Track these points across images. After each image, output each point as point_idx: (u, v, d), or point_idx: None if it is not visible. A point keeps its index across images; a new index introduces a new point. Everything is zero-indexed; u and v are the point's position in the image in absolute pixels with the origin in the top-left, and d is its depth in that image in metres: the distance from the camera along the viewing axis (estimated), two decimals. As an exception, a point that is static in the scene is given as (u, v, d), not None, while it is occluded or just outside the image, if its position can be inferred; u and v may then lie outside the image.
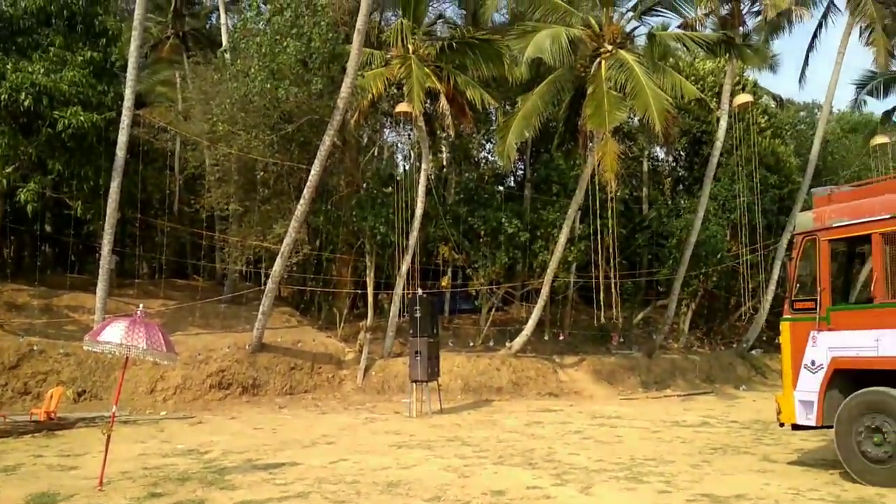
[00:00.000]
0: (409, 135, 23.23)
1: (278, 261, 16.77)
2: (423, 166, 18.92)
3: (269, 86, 16.68)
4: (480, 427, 12.85)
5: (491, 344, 20.50)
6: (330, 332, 20.00)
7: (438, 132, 20.89)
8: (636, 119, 21.47)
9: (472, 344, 20.72)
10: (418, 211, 18.74)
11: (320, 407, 15.80)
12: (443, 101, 18.66)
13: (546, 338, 21.44)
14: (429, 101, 19.68)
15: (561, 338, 21.90)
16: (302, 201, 16.48)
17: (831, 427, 8.10)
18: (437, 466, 9.06)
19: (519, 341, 19.44)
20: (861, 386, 7.88)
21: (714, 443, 10.99)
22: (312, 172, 16.34)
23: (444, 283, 22.29)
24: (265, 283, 17.83)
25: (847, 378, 8.05)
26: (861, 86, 26.18)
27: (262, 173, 19.54)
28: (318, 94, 16.92)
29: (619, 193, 22.38)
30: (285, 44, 16.58)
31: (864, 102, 27.51)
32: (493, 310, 22.21)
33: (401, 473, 8.61)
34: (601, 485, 7.96)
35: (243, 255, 20.24)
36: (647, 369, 20.25)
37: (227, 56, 19.72)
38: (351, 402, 16.41)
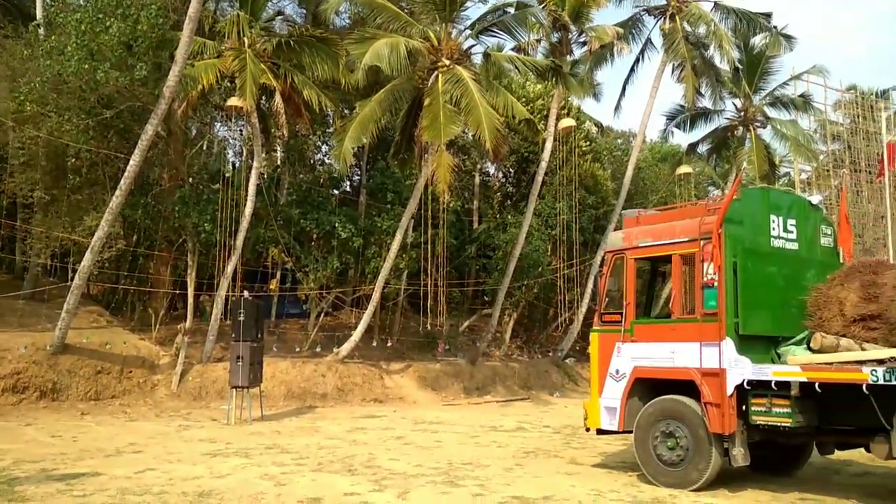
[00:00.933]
0: (241, 131, 22.42)
1: (88, 255, 15.45)
2: (255, 164, 18.31)
3: (86, 66, 15.35)
4: (302, 434, 12.57)
5: (318, 349, 20.18)
6: (144, 334, 18.73)
7: (273, 130, 20.31)
8: (470, 134, 22.13)
9: (298, 349, 20.28)
10: (247, 210, 18.09)
11: (129, 414, 14.73)
12: (278, 98, 18.19)
13: (374, 344, 21.46)
14: (263, 97, 19.11)
15: (389, 344, 22.01)
16: (118, 192, 15.30)
17: (632, 432, 8.72)
18: (252, 475, 8.72)
19: (346, 347, 19.28)
20: (659, 394, 8.55)
21: (527, 447, 11.47)
22: (131, 163, 15.23)
23: (272, 287, 21.63)
24: (72, 279, 16.38)
25: (647, 386, 8.71)
26: (670, 118, 28.67)
27: (73, 160, 17.93)
28: (143, 80, 15.82)
29: (451, 205, 23.01)
30: (108, 23, 15.37)
31: (672, 134, 30.18)
32: (323, 315, 21.89)
33: (213, 483, 8.19)
34: (418, 489, 8.04)
35: (48, 247, 18.48)
36: (471, 376, 20.83)
37: (41, 31, 17.98)
38: (164, 409, 15.45)
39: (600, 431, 9.34)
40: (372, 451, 10.75)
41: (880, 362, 7.04)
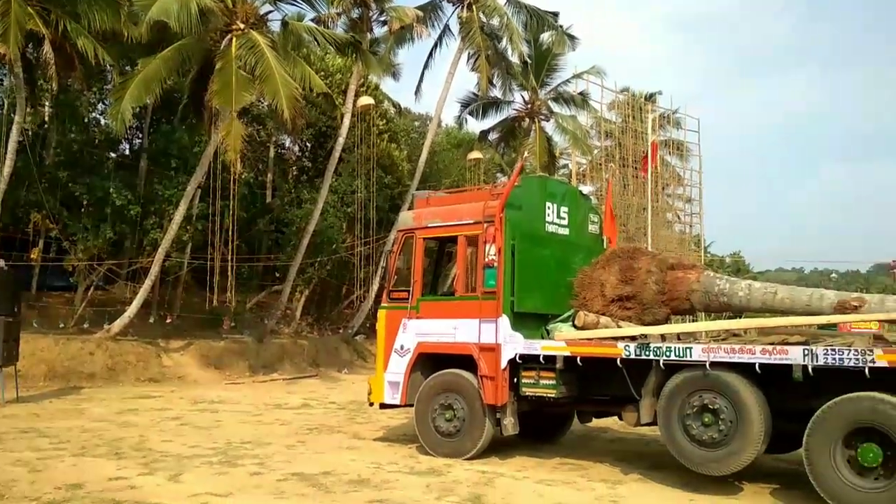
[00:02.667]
0: (1, 80, 19.85)
1: None
2: (17, 119, 16.30)
3: None
4: (63, 416, 11.49)
5: (86, 326, 18.53)
6: None
7: (40, 83, 18.20)
8: (265, 104, 21.36)
9: (63, 325, 18.48)
10: (6, 169, 16.11)
11: None
12: (47, 47, 16.26)
13: (152, 320, 20.12)
14: (30, 45, 17.02)
15: (169, 321, 20.77)
16: None
17: (413, 406, 8.99)
18: (4, 461, 7.83)
19: (119, 323, 17.88)
20: (440, 369, 8.88)
21: (311, 423, 11.42)
22: None
23: (34, 256, 19.44)
24: None
25: (429, 361, 9.01)
26: (465, 105, 29.73)
27: None
28: None
29: (243, 176, 22.08)
30: None
31: (466, 121, 31.34)
32: (92, 288, 20.10)
33: (-51, 475, 7.23)
34: (193, 471, 7.69)
35: None
36: (257, 354, 20.28)
37: None
38: None
39: (383, 406, 9.53)
40: (143, 433, 10.10)
41: (633, 339, 7.85)
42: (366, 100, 22.60)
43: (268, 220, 24.91)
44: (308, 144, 27.77)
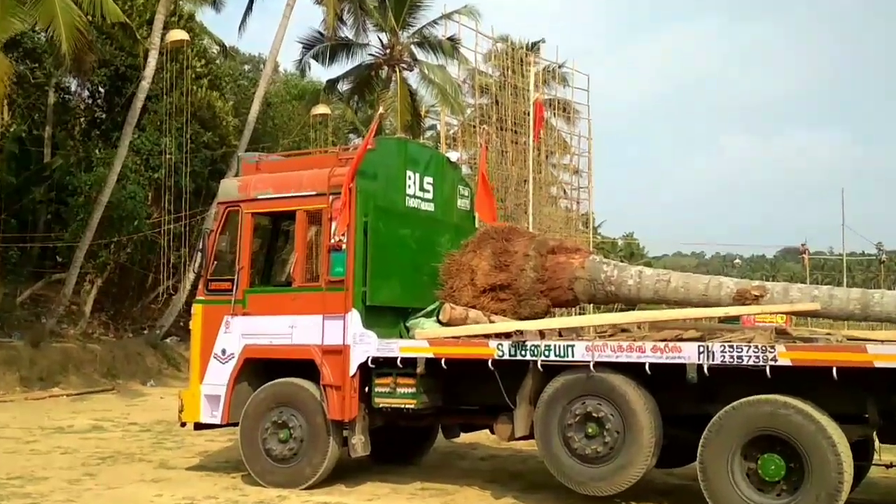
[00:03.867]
0: None
1: None
2: None
3: None
4: None
5: None
6: None
7: None
8: (42, 35, 20.11)
9: None
10: None
11: None
12: None
13: None
14: None
15: None
16: None
17: (238, 425, 8.83)
18: None
19: None
20: (273, 378, 8.78)
21: (104, 451, 10.97)
22: None
23: None
24: None
25: (259, 369, 8.89)
26: (308, 47, 29.28)
27: None
28: None
29: (11, 129, 20.77)
30: None
31: (310, 67, 30.92)
32: None
33: None
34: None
35: None
36: (31, 362, 19.21)
37: None
38: None
39: (199, 426, 9.34)
40: None
41: (507, 336, 8.09)
42: (178, 34, 21.82)
43: (46, 187, 23.56)
44: (101, 89, 26.43)
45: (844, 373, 6.55)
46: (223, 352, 8.94)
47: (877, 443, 7.68)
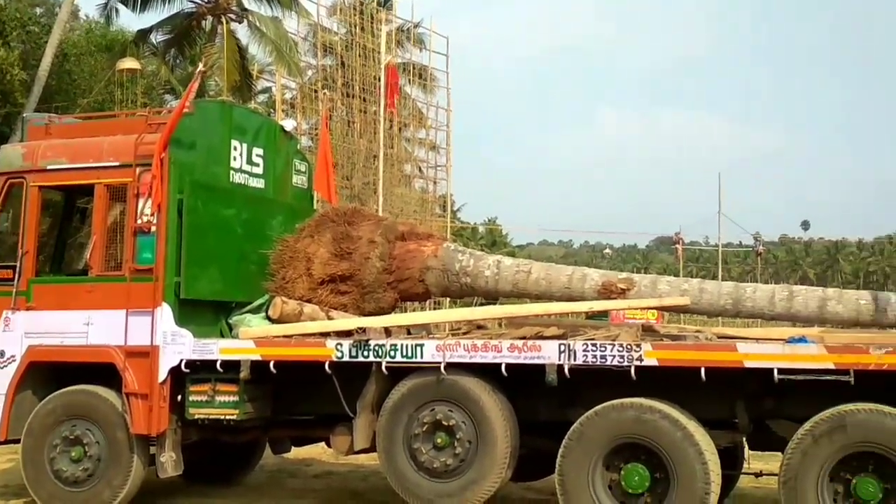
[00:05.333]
0: None
1: None
2: None
3: None
4: None
5: None
6: None
7: None
8: None
9: None
10: None
11: None
12: None
13: None
14: None
15: None
16: None
17: (20, 441, 8.50)
18: None
19: None
20: (65, 385, 8.50)
21: None
22: None
23: None
24: None
25: (47, 375, 8.59)
26: (115, -12, 28.22)
27: None
28: None
29: None
30: None
31: (118, 13, 29.79)
32: None
33: None
34: None
35: None
36: None
37: None
38: None
39: (-28, 445, 8.92)
40: None
41: (347, 334, 8.12)
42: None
43: None
44: None
45: (714, 374, 6.94)
46: (1, 354, 8.60)
47: (746, 450, 8.17)
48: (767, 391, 7.08)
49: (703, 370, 6.90)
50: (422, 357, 7.61)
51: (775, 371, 6.77)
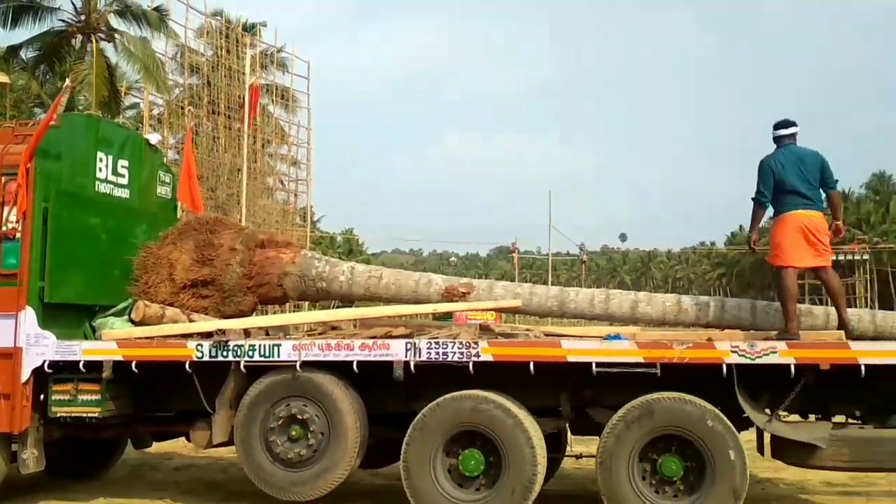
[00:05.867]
0: None
1: None
2: None
3: None
4: None
5: None
6: None
7: None
8: None
9: None
10: None
11: None
12: None
13: None
14: None
15: None
16: None
17: None
18: None
19: None
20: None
21: None
22: None
23: None
24: None
25: None
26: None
27: None
28: None
29: None
30: None
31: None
32: None
33: None
34: None
35: None
36: None
37: None
38: None
39: None
40: None
41: (208, 336, 7.95)
42: None
43: None
44: None
45: (541, 368, 7.13)
46: None
47: (569, 435, 8.40)
48: (587, 382, 7.30)
49: (532, 364, 7.08)
50: (279, 356, 7.50)
51: (593, 365, 7.01)
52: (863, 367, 6.71)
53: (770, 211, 7.76)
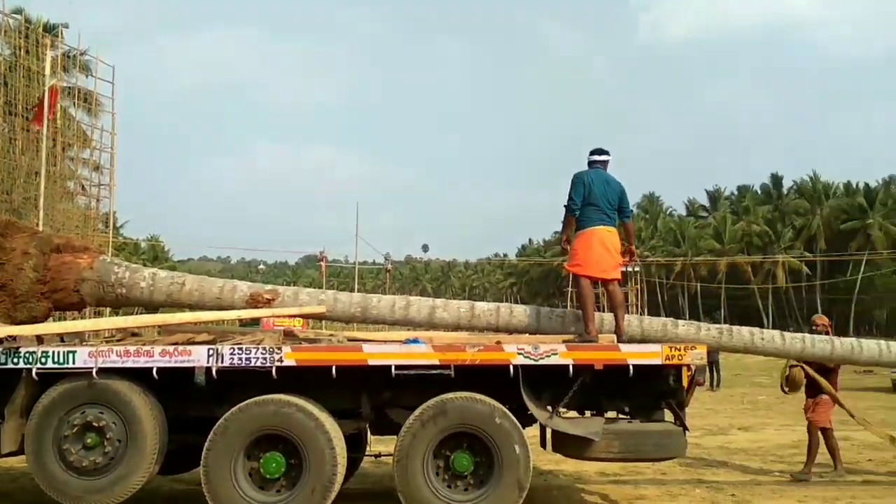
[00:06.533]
0: None
1: None
2: None
3: None
4: None
5: None
6: None
7: None
8: None
9: None
10: None
11: None
12: None
13: None
14: None
15: None
16: None
17: None
18: None
19: None
20: None
21: None
22: None
23: None
24: None
25: None
26: None
27: None
28: None
29: None
30: None
31: None
32: None
33: None
34: None
35: None
36: None
37: None
38: None
39: None
40: None
41: (-5, 342, 7.38)
42: None
43: None
44: None
45: (343, 371, 7.12)
46: None
47: (370, 435, 8.43)
48: (387, 384, 7.37)
49: (334, 368, 7.07)
50: (74, 363, 7.09)
51: (393, 367, 7.10)
52: (631, 367, 7.20)
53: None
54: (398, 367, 7.12)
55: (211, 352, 7.10)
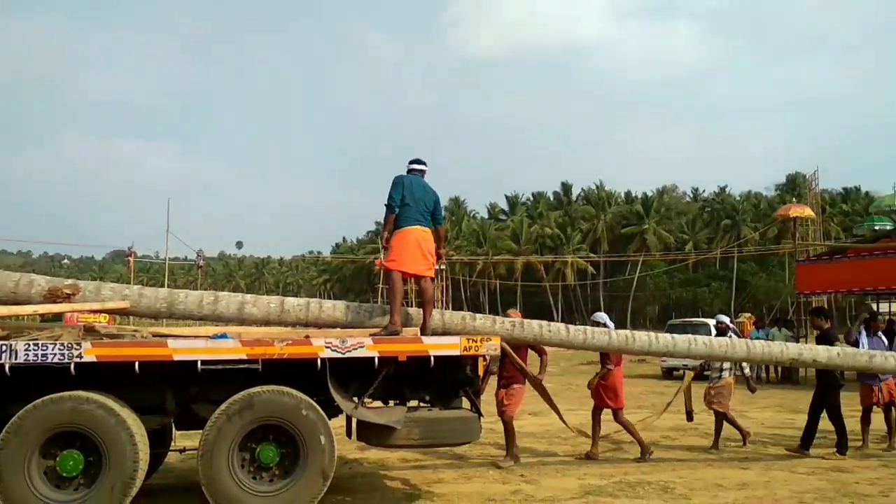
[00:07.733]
0: None
1: None
2: None
3: None
4: None
5: None
6: None
7: None
8: None
9: None
10: None
11: None
12: None
13: None
14: None
15: None
16: None
17: None
18: None
19: None
20: None
21: None
22: None
23: None
24: None
25: None
26: None
27: None
28: None
29: None
30: None
31: None
32: None
33: None
34: None
35: None
36: None
37: None
38: None
39: None
40: None
41: None
42: None
43: None
44: None
45: (147, 367, 6.73)
46: None
47: (174, 430, 8.02)
48: (193, 379, 7.00)
49: (137, 364, 6.67)
50: None
51: (199, 362, 6.78)
52: (432, 358, 7.25)
53: None
54: (205, 363, 6.80)
55: (3, 348, 6.50)
